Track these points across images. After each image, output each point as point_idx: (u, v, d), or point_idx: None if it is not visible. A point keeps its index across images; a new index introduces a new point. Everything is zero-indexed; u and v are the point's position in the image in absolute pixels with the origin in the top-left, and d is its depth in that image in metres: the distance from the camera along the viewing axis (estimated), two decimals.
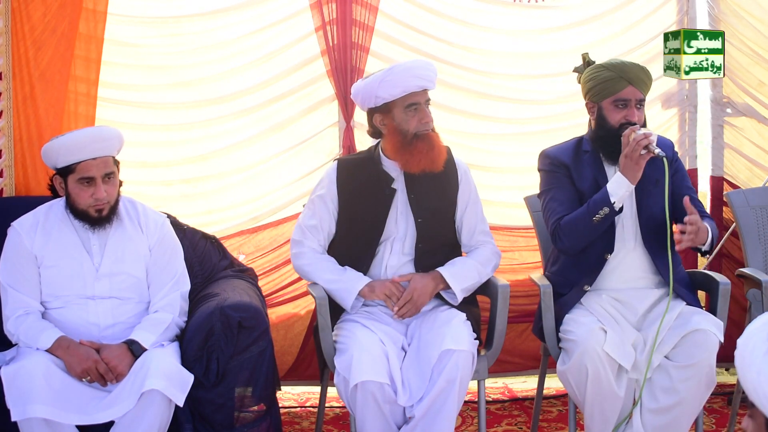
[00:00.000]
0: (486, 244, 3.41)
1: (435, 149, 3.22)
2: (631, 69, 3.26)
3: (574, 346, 3.10)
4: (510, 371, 4.34)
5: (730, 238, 4.29)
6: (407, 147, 3.20)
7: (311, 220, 3.34)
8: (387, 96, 3.19)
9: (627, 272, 3.28)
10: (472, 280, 3.31)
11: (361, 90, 3.25)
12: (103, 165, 3.06)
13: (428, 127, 3.22)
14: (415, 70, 3.21)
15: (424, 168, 3.21)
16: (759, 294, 3.36)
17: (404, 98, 3.19)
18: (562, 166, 3.33)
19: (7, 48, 3.73)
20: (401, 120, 3.21)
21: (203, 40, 4.07)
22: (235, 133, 4.14)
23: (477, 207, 3.41)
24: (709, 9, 4.30)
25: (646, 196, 3.28)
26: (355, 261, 3.30)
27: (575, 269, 3.30)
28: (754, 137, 4.37)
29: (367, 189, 3.29)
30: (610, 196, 3.13)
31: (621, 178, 3.14)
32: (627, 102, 3.23)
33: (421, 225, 3.28)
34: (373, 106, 3.24)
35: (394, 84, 3.17)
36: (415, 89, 3.19)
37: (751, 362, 1.53)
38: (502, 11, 4.25)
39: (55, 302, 3.09)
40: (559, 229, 3.25)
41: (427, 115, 3.22)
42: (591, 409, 3.10)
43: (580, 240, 3.23)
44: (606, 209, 3.13)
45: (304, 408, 4.18)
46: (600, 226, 3.18)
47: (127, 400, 2.85)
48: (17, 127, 3.78)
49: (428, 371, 3.01)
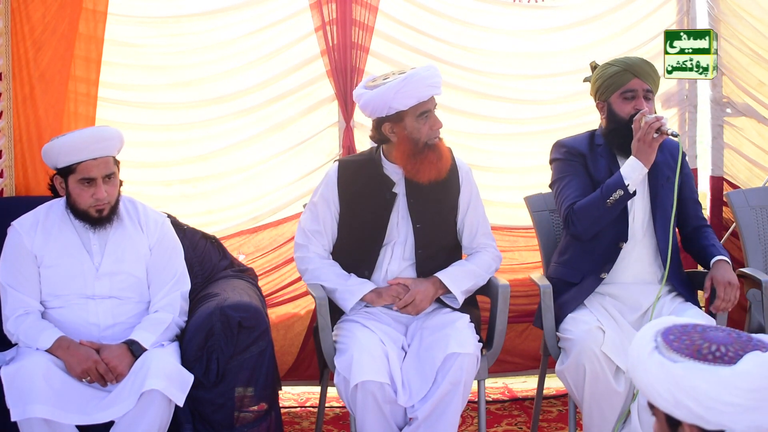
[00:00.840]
0: (487, 249, 3.40)
1: (443, 159, 3.21)
2: (635, 62, 3.31)
3: (572, 346, 3.10)
4: (510, 371, 4.34)
5: (730, 238, 4.29)
6: (418, 156, 3.18)
7: (314, 225, 3.32)
8: (401, 106, 3.14)
9: (636, 263, 3.30)
10: (470, 283, 3.30)
11: (373, 100, 3.15)
12: (103, 165, 3.07)
13: (438, 135, 3.21)
14: (430, 79, 3.16)
15: (432, 178, 3.20)
16: (759, 294, 3.37)
17: (416, 107, 3.16)
18: (578, 155, 3.35)
19: (7, 48, 3.73)
20: (413, 129, 3.17)
21: (203, 40, 4.07)
22: (235, 133, 4.14)
23: (478, 208, 3.39)
24: (709, 9, 4.30)
25: (660, 190, 3.31)
26: (357, 264, 3.29)
27: (588, 258, 3.30)
28: (754, 137, 4.37)
29: (368, 192, 3.28)
30: (624, 179, 3.16)
31: (635, 161, 3.17)
32: (635, 92, 3.27)
33: (419, 230, 3.27)
34: (385, 115, 3.18)
35: (409, 94, 3.12)
36: (427, 97, 3.17)
37: (638, 362, 1.58)
38: (502, 11, 4.25)
39: (54, 302, 3.09)
40: (573, 213, 3.26)
41: (437, 122, 3.20)
42: (590, 409, 3.10)
43: (593, 224, 3.24)
44: (620, 191, 3.16)
45: (304, 408, 4.18)
46: (613, 210, 3.20)
47: (127, 400, 2.85)
48: (17, 128, 3.78)
49: (430, 372, 3.01)
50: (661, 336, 1.58)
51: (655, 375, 1.54)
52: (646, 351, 1.57)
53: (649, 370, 1.55)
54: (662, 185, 3.32)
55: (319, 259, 3.31)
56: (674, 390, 1.51)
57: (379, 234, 3.27)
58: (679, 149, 3.24)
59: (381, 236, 3.27)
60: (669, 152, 3.37)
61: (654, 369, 1.54)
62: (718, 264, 3.24)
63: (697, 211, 3.43)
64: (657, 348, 1.56)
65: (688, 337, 1.56)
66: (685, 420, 1.51)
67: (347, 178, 3.30)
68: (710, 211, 4.41)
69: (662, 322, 1.63)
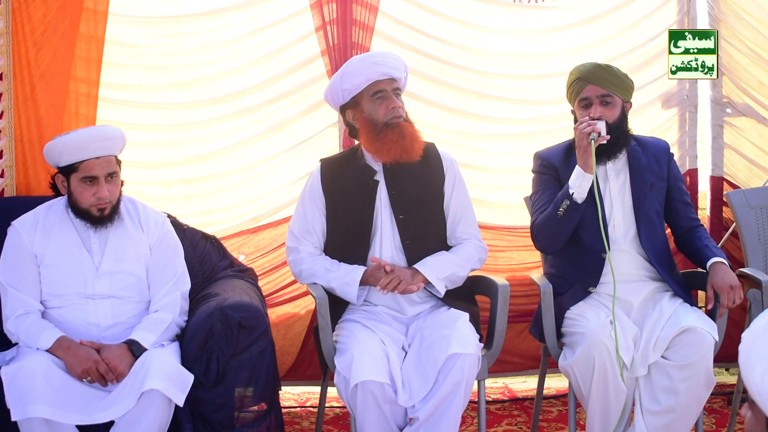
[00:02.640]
0: (470, 240, 3.37)
1: (407, 138, 3.20)
2: (587, 68, 3.32)
3: (581, 339, 3.10)
4: (510, 371, 4.34)
5: (730, 238, 4.29)
6: (378, 136, 3.20)
7: (303, 224, 3.34)
8: (352, 87, 3.21)
9: (623, 269, 3.29)
10: (448, 270, 3.26)
11: (329, 90, 3.30)
12: (106, 164, 3.07)
13: (398, 114, 3.21)
14: (373, 58, 3.26)
15: (396, 157, 3.20)
16: (759, 294, 3.36)
17: (369, 87, 3.21)
18: (551, 168, 3.38)
19: (7, 49, 3.74)
20: (370, 110, 3.22)
21: (203, 40, 4.08)
22: (235, 133, 4.14)
23: (462, 198, 3.37)
24: (709, 9, 4.30)
25: (642, 198, 3.31)
26: (349, 257, 3.29)
27: (574, 269, 3.31)
28: (753, 137, 4.37)
29: (352, 183, 3.30)
30: (569, 189, 3.18)
31: (578, 169, 3.20)
32: (588, 100, 3.28)
33: (402, 222, 3.27)
34: (342, 102, 3.27)
35: (355, 74, 3.20)
36: (379, 77, 3.20)
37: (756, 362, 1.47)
38: (502, 11, 4.25)
39: (54, 301, 3.09)
40: (534, 228, 3.34)
41: (394, 102, 3.22)
42: (594, 404, 3.10)
43: (552, 238, 3.29)
44: (567, 202, 3.18)
45: (304, 408, 4.18)
46: (566, 222, 3.22)
47: (127, 400, 2.85)
48: (18, 128, 3.78)
49: (431, 373, 3.00)
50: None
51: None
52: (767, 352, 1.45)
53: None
54: (646, 193, 3.31)
55: (310, 258, 3.31)
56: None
57: (367, 225, 3.27)
58: (592, 149, 3.14)
59: (368, 227, 3.27)
60: (654, 156, 3.37)
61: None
62: (715, 267, 3.21)
63: (687, 212, 3.42)
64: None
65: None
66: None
67: (331, 175, 3.33)
68: (710, 211, 4.42)
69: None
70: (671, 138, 4.37)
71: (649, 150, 3.38)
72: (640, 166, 3.33)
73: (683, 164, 4.36)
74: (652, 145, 3.41)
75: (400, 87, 3.28)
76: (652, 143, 3.43)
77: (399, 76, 3.25)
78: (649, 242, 3.29)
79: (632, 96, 3.39)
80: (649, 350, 3.08)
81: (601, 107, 3.26)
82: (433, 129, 4.20)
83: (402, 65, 3.29)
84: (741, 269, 3.56)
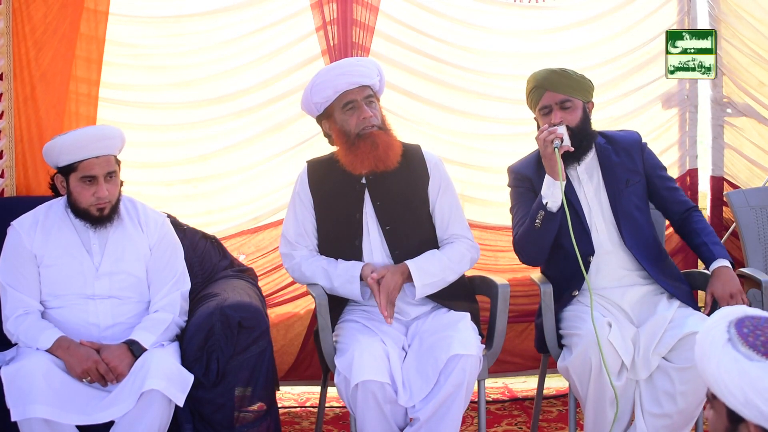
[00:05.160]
0: (461, 240, 3.35)
1: (380, 148, 3.18)
2: (543, 75, 3.30)
3: (579, 340, 3.09)
4: (510, 371, 4.34)
5: (730, 238, 4.29)
6: (351, 148, 3.19)
7: (295, 227, 3.33)
8: (321, 100, 3.21)
9: (611, 272, 3.28)
10: (437, 276, 3.23)
11: (303, 100, 3.30)
12: (105, 164, 3.07)
13: (369, 124, 3.19)
14: (339, 69, 3.22)
15: (371, 168, 3.19)
16: (759, 294, 3.36)
17: (339, 99, 3.19)
18: (525, 180, 3.36)
19: (8, 49, 3.74)
20: (342, 121, 3.21)
21: (203, 40, 4.08)
22: (235, 133, 4.15)
23: (450, 198, 3.35)
24: (710, 9, 4.31)
25: (618, 196, 3.29)
26: (343, 258, 3.28)
27: (561, 275, 3.31)
28: (754, 137, 4.38)
29: (339, 187, 3.29)
30: (542, 199, 3.17)
31: (548, 178, 3.18)
32: (548, 107, 3.27)
33: (389, 232, 3.25)
34: (317, 114, 3.27)
35: (322, 87, 3.20)
36: (347, 87, 3.18)
37: (710, 354, 1.53)
38: (502, 11, 4.26)
39: (54, 302, 3.09)
40: (516, 244, 3.33)
41: (365, 112, 3.19)
42: (592, 405, 3.09)
43: (534, 250, 3.29)
44: (542, 212, 3.17)
45: (304, 408, 4.18)
46: (545, 232, 3.20)
47: (127, 400, 2.85)
48: (18, 128, 3.78)
49: (432, 373, 3.00)
50: (734, 327, 1.52)
51: (726, 369, 1.48)
52: (718, 342, 1.50)
53: (721, 363, 1.49)
54: (621, 190, 3.29)
55: (306, 262, 3.30)
56: (746, 389, 1.45)
57: (356, 230, 3.26)
58: (557, 157, 3.12)
59: (358, 232, 3.26)
60: (625, 151, 3.34)
61: (726, 363, 1.48)
62: (717, 273, 3.19)
63: (676, 197, 3.37)
64: (730, 341, 1.50)
65: (763, 333, 1.50)
66: (752, 420, 1.46)
67: (317, 176, 3.33)
68: (710, 211, 4.42)
69: (734, 312, 1.57)
70: (671, 138, 4.38)
71: (619, 145, 3.34)
72: (611, 164, 3.30)
73: (683, 164, 4.36)
74: (623, 140, 3.37)
75: (374, 93, 3.25)
76: (623, 137, 3.39)
77: (370, 82, 3.22)
78: (633, 240, 3.27)
79: (593, 95, 3.35)
80: (650, 354, 3.07)
81: (562, 112, 3.24)
82: (433, 129, 4.21)
83: (373, 70, 3.25)
84: (741, 269, 3.55)
